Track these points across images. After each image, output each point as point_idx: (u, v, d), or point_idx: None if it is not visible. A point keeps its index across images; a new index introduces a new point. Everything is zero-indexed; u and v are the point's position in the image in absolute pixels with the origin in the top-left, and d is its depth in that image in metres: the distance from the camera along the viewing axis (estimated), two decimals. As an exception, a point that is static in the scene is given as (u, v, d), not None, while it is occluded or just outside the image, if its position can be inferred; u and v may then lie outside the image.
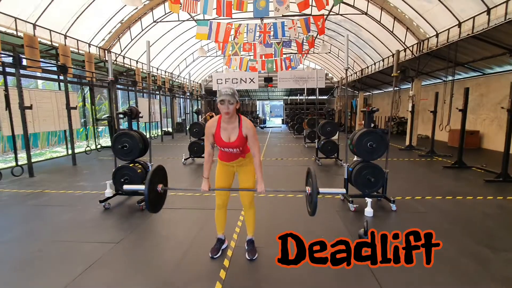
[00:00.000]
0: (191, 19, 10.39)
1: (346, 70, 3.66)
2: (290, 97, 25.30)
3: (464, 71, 9.27)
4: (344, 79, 18.41)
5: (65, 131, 8.46)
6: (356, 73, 15.61)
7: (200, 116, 7.14)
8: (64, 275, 2.24)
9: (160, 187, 2.41)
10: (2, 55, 5.77)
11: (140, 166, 3.95)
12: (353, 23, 10.78)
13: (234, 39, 10.51)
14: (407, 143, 9.26)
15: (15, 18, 6.77)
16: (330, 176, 5.59)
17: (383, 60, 11.62)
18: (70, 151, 7.36)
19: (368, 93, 18.90)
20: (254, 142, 2.23)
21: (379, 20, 9.11)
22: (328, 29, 12.78)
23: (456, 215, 3.53)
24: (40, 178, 5.71)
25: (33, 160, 8.05)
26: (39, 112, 7.21)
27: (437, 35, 7.57)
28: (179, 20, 10.48)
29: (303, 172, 5.95)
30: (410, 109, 9.05)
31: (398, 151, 8.68)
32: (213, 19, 9.69)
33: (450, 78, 7.24)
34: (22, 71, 6.92)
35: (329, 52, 15.88)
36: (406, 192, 4.44)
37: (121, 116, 3.84)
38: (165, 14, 10.47)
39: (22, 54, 6.88)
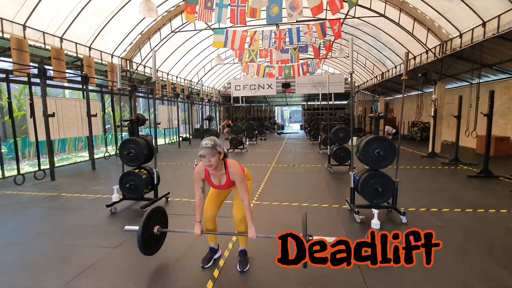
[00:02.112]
0: (208, 28, 10.65)
1: (351, 74, 3.52)
2: (308, 103, 24.99)
3: (491, 73, 8.62)
4: (365, 83, 17.89)
5: (87, 137, 8.93)
6: (376, 77, 15.10)
7: (210, 123, 7.20)
8: (57, 278, 2.31)
9: (156, 228, 2.43)
10: (27, 67, 6.21)
11: (145, 172, 4.03)
12: (371, 26, 10.48)
13: (250, 46, 10.61)
14: (430, 149, 8.71)
15: (43, 33, 7.31)
16: (341, 185, 5.36)
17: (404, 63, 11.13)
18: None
19: (390, 98, 18.20)
20: (242, 187, 2.22)
21: (397, 22, 8.77)
22: (345, 33, 12.52)
23: (475, 230, 3.22)
24: (60, 182, 6.03)
25: (59, 164, 8.59)
26: (64, 119, 7.65)
27: (460, 36, 7.11)
28: (196, 30, 10.77)
29: (312, 179, 5.78)
30: (432, 113, 8.53)
31: (419, 159, 8.19)
32: (230, 27, 9.86)
33: (476, 80, 6.73)
34: (48, 82, 7.45)
35: (348, 56, 15.55)
36: (421, 203, 4.14)
37: (127, 123, 3.96)
38: (183, 24, 10.81)
39: (50, 66, 7.41)
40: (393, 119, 17.42)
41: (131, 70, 11.08)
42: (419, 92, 10.25)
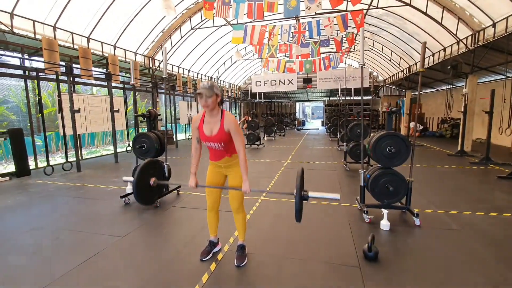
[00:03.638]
0: (227, 24, 10.70)
1: (362, 66, 3.36)
2: (330, 98, 24.34)
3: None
4: (391, 77, 17.04)
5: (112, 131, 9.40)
6: (403, 70, 14.31)
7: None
8: (66, 263, 2.47)
9: (152, 180, 2.50)
10: (57, 66, 6.64)
11: (156, 165, 4.16)
12: (396, 16, 9.91)
13: (268, 41, 10.52)
14: (459, 148, 8.12)
15: (72, 33, 7.77)
16: (354, 183, 5.16)
17: (433, 55, 10.42)
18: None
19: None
20: (237, 137, 2.20)
21: (425, 11, 8.20)
22: (369, 24, 11.99)
23: (496, 236, 2.95)
24: (85, 173, 6.42)
25: (88, 156, 9.16)
26: (91, 114, 8.11)
27: (494, 25, 6.49)
28: (215, 26, 10.87)
29: (325, 177, 5.65)
30: (462, 109, 7.92)
31: (446, 157, 7.67)
32: (250, 22, 9.82)
33: (511, 73, 6.14)
34: (76, 79, 7.93)
35: (372, 49, 14.89)
36: (440, 205, 3.88)
37: (140, 118, 4.10)
38: (202, 21, 10.96)
39: (78, 65, 7.88)
40: (421, 114, 16.46)
41: (153, 67, 11.47)
42: (450, 86, 9.55)
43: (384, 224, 3.13)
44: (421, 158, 7.51)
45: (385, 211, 3.17)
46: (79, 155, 6.83)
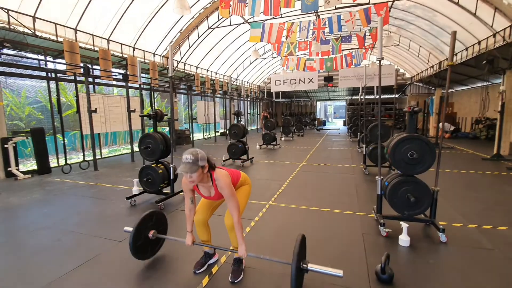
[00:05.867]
0: (245, 22, 10.53)
1: (380, 61, 3.01)
2: (352, 97, 23.41)
3: None
4: (419, 74, 15.99)
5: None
6: (432, 66, 13.33)
7: (239, 118, 7.06)
8: (59, 268, 2.40)
9: (151, 233, 2.39)
10: (76, 67, 6.82)
11: (162, 166, 4.08)
12: (425, 8, 9.20)
13: (287, 39, 10.23)
14: (495, 151, 7.34)
15: (92, 35, 7.99)
16: (373, 189, 4.74)
17: (466, 49, 9.56)
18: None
19: (450, 90, 15.98)
20: (231, 202, 2.01)
21: (457, 2, 7.50)
22: (394, 18, 11.29)
23: (542, 258, 2.50)
24: (101, 172, 6.54)
25: (109, 155, 9.43)
26: (110, 114, 8.29)
27: (540, 12, 5.74)
28: (231, 25, 10.73)
29: (341, 181, 5.28)
30: (499, 108, 7.13)
31: (479, 162, 6.94)
32: (268, 19, 9.58)
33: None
34: (96, 80, 8.14)
35: (398, 45, 14.04)
36: (471, 218, 3.42)
37: (145, 117, 4.02)
38: (219, 20, 10.88)
39: (99, 66, 8.08)
40: (452, 114, 15.28)
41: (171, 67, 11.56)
42: (485, 84, 8.70)
43: (404, 239, 2.77)
44: (451, 162, 6.86)
45: (404, 225, 2.81)
46: (96, 154, 6.98)
